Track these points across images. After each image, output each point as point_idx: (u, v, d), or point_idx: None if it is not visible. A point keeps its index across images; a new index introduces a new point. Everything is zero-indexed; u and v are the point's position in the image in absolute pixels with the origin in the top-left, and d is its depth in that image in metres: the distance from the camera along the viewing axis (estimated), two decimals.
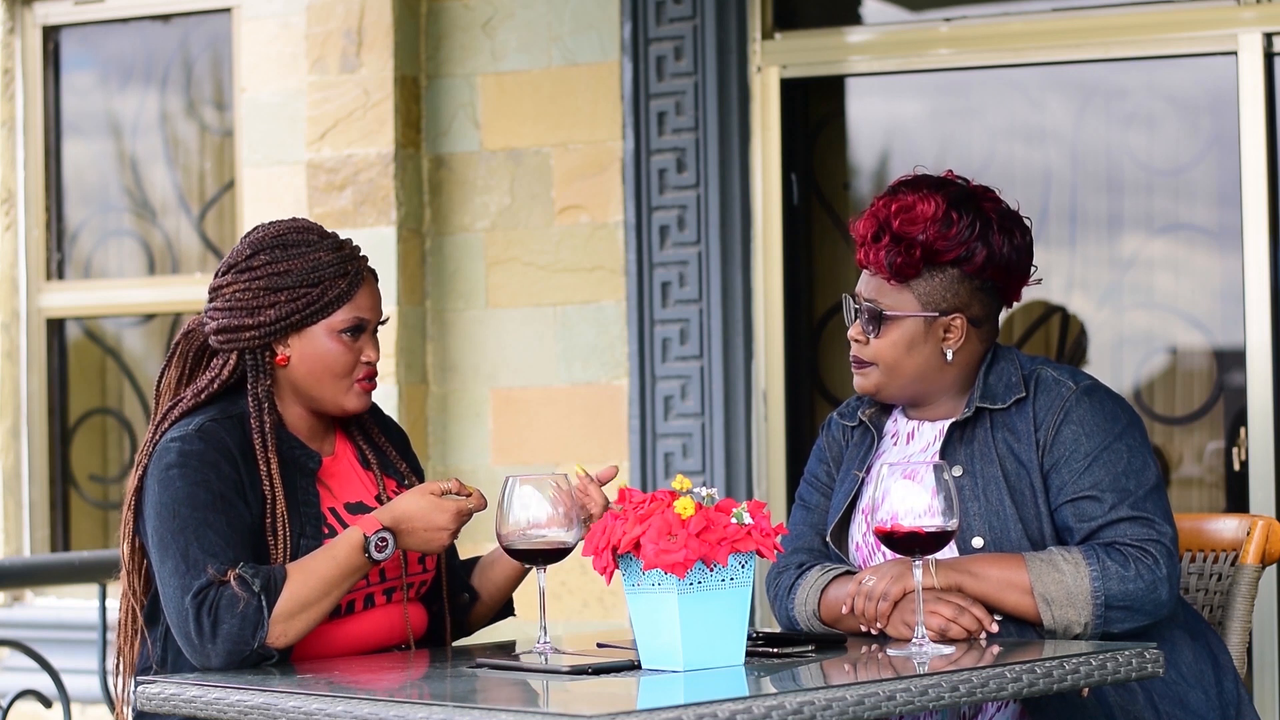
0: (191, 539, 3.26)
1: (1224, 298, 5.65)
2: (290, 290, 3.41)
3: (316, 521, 3.39)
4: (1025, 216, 3.56)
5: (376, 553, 3.27)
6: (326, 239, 3.45)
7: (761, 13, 5.97)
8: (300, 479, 3.41)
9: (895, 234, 3.46)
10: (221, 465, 3.32)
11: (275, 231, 3.45)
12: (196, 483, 3.30)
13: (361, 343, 3.45)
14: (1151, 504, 3.39)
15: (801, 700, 2.75)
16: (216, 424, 3.38)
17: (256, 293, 3.41)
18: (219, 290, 3.46)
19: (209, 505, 3.28)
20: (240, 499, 3.32)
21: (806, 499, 3.67)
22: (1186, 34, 5.57)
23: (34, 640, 5.71)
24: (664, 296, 5.96)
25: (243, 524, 3.31)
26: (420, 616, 3.55)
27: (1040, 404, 3.46)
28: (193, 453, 3.32)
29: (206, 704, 3.03)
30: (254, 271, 3.42)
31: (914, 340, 3.50)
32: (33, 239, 7.06)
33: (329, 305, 3.42)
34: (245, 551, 3.29)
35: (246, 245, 3.46)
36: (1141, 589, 3.32)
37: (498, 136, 6.20)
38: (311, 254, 3.42)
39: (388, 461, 3.58)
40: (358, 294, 3.44)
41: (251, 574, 3.23)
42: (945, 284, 3.48)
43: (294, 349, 3.43)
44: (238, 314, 3.43)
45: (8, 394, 7.02)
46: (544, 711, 2.74)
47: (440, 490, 3.31)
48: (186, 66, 6.91)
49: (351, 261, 3.44)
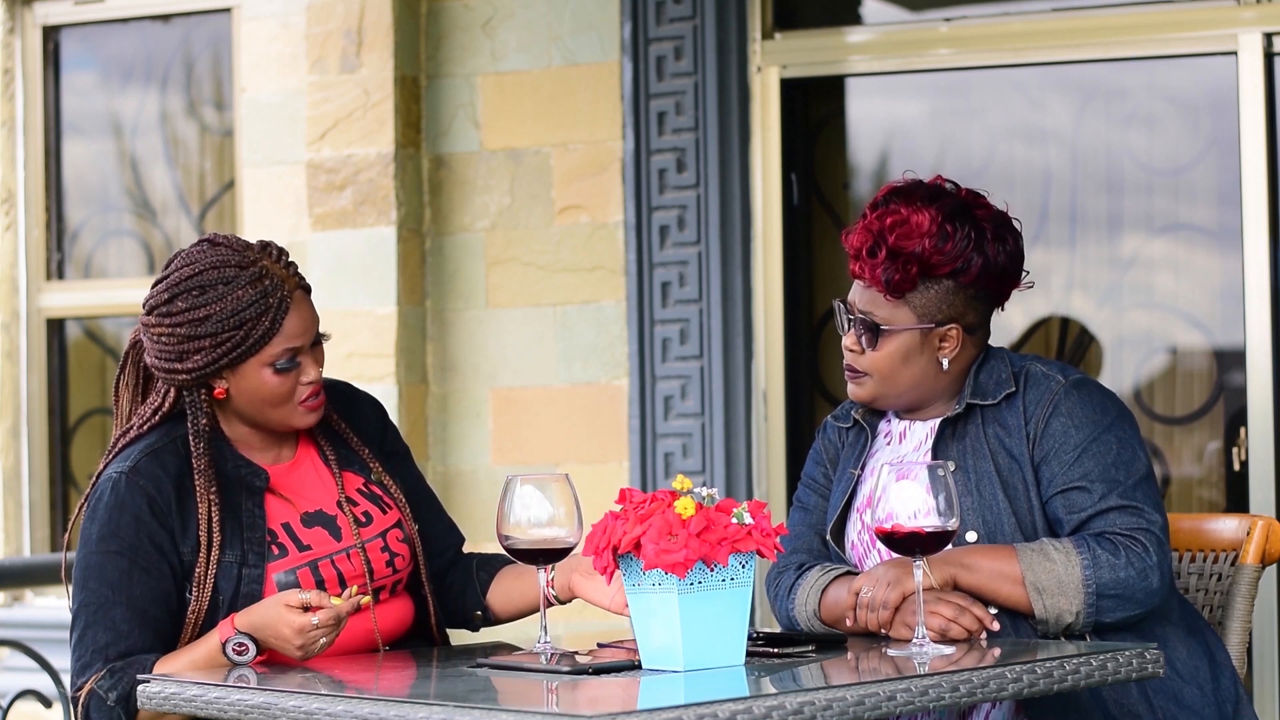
0: (90, 623, 3.30)
1: (1224, 298, 5.65)
2: (213, 337, 3.32)
3: (260, 546, 3.35)
4: (1014, 218, 3.56)
5: (236, 656, 3.23)
6: (246, 270, 3.32)
7: (761, 13, 5.97)
8: (246, 500, 3.38)
9: (891, 249, 3.45)
10: (143, 519, 3.31)
11: (192, 270, 3.34)
12: (109, 552, 3.30)
13: (298, 368, 3.37)
14: (1141, 493, 3.40)
15: (802, 700, 2.75)
16: (153, 457, 3.35)
17: (180, 339, 3.33)
18: (147, 329, 3.38)
19: (115, 584, 3.29)
20: (159, 553, 3.31)
21: (804, 501, 3.67)
22: (1186, 34, 5.57)
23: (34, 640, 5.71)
24: (664, 296, 5.96)
25: (152, 595, 3.31)
26: (404, 612, 3.51)
27: (1030, 398, 3.47)
28: (120, 505, 3.31)
29: (206, 704, 3.03)
30: (174, 317, 3.33)
31: (910, 352, 3.50)
32: (33, 239, 7.06)
33: (254, 345, 3.33)
34: (143, 634, 3.30)
35: (165, 287, 3.35)
36: (1132, 577, 3.33)
37: (498, 136, 6.20)
38: (230, 294, 3.31)
39: (351, 455, 3.51)
40: (284, 325, 3.34)
41: (108, 686, 3.26)
42: (941, 295, 3.48)
43: (230, 383, 3.37)
44: (167, 357, 3.36)
45: (8, 394, 7.02)
46: (544, 711, 2.74)
47: (298, 602, 3.20)
48: (186, 66, 6.92)
49: (273, 293, 3.32)
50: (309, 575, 3.37)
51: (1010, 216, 3.55)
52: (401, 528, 3.50)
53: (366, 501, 3.49)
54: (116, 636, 3.29)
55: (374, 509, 3.49)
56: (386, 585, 3.47)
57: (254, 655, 3.23)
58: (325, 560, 3.39)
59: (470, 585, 3.62)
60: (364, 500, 3.49)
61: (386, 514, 3.50)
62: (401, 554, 3.49)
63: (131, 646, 3.29)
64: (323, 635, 3.19)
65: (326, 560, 3.39)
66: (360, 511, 3.47)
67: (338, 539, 3.42)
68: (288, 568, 3.36)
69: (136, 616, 3.30)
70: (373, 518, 3.48)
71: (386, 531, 3.48)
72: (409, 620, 3.53)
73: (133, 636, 3.30)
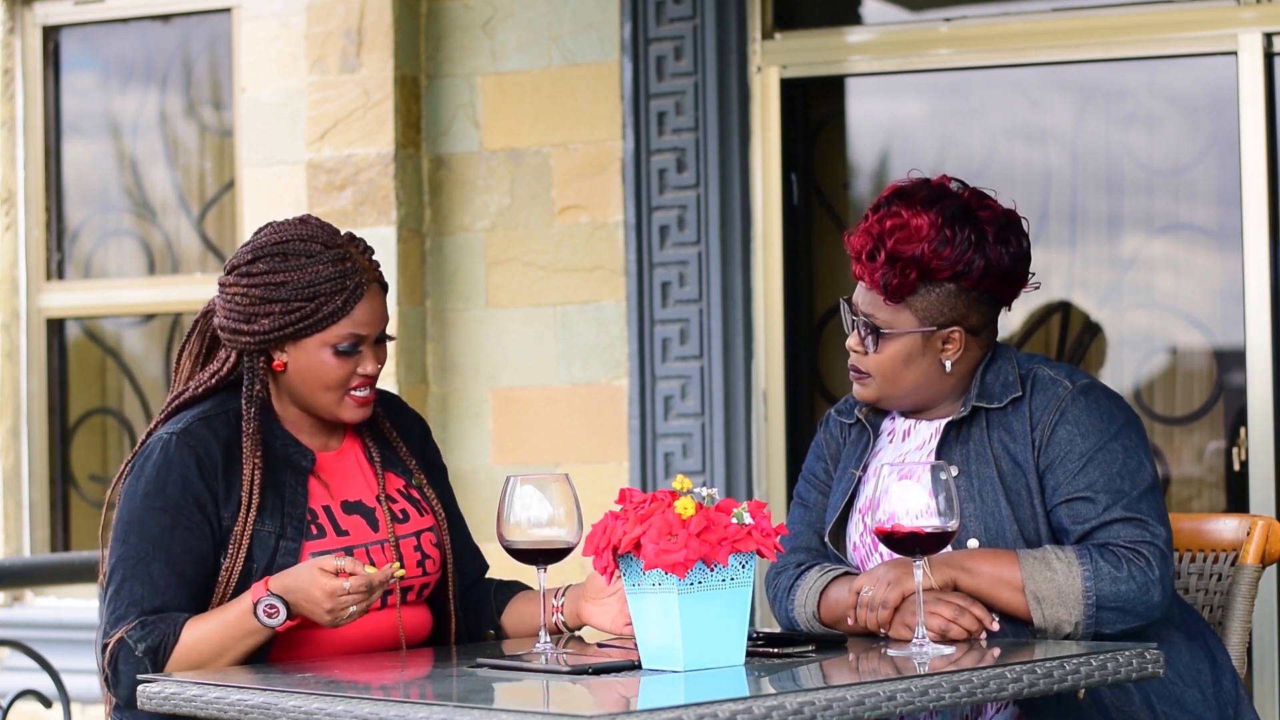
0: (128, 576, 3.33)
1: (1224, 298, 5.65)
2: (284, 303, 3.38)
3: (300, 523, 3.39)
4: (1023, 217, 3.54)
5: (267, 618, 3.26)
6: (331, 250, 3.40)
7: (761, 13, 5.97)
8: (290, 477, 3.42)
9: (890, 253, 3.44)
10: (190, 479, 3.35)
11: (279, 238, 3.42)
12: (153, 508, 3.34)
13: (359, 357, 3.43)
14: (1146, 505, 3.38)
15: (801, 700, 2.75)
16: (205, 423, 3.40)
17: (253, 300, 3.40)
18: (223, 288, 3.46)
19: (156, 539, 3.33)
20: (201, 514, 3.35)
21: (805, 497, 3.66)
22: (1186, 34, 5.57)
23: (34, 640, 5.71)
24: (664, 296, 5.96)
25: (191, 555, 3.34)
26: (422, 619, 3.55)
27: (1036, 403, 3.45)
28: (169, 462, 3.35)
29: (206, 704, 3.03)
30: (252, 279, 3.40)
31: (912, 354, 3.48)
32: (33, 239, 7.06)
33: (322, 321, 3.39)
34: (179, 592, 3.33)
35: (249, 249, 3.43)
36: (1134, 590, 3.32)
37: (498, 136, 6.20)
38: (310, 266, 3.38)
39: (395, 458, 3.56)
40: (355, 309, 3.40)
41: (138, 637, 3.28)
42: (943, 298, 3.46)
43: (290, 357, 3.43)
44: (236, 318, 3.42)
45: (8, 394, 7.02)
46: (544, 711, 2.74)
47: (333, 567, 3.23)
48: (186, 66, 6.91)
49: (352, 275, 3.39)
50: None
51: (1018, 216, 3.52)
52: (435, 533, 3.54)
53: (405, 501, 3.54)
54: (154, 591, 3.32)
55: (411, 509, 3.54)
56: (414, 587, 3.50)
57: (284, 618, 3.25)
58: (361, 549, 3.43)
59: (486, 604, 3.65)
60: (402, 499, 3.54)
61: (423, 517, 3.54)
62: (433, 558, 3.52)
63: (167, 603, 3.32)
64: (353, 602, 3.22)
65: (362, 549, 3.43)
66: (398, 509, 3.51)
67: (375, 530, 3.46)
68: (324, 549, 3.39)
69: (174, 574, 3.33)
70: (409, 516, 3.52)
71: (421, 533, 3.52)
72: (427, 630, 3.56)
73: (169, 593, 3.32)
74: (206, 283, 6.82)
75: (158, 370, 7.02)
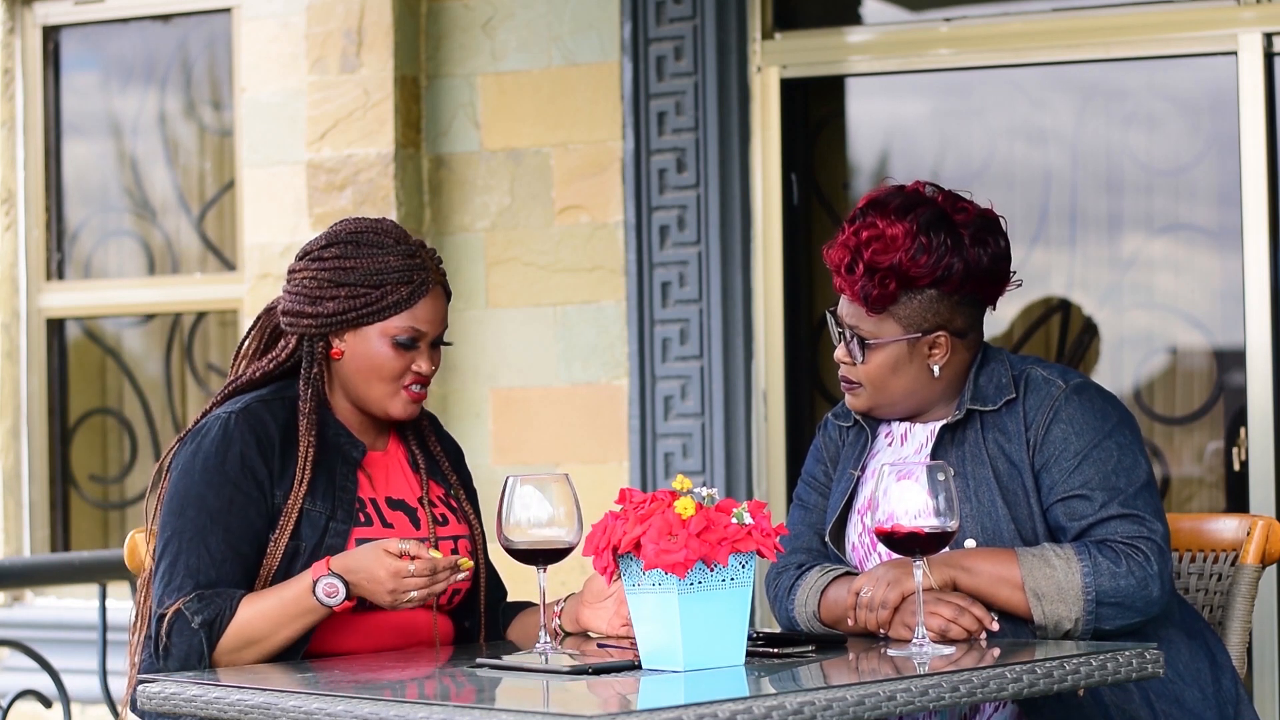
0: (184, 548, 3.34)
1: (1224, 298, 5.65)
2: (351, 287, 3.43)
3: (349, 508, 3.42)
4: (1000, 216, 3.53)
5: (326, 597, 3.27)
6: (402, 245, 3.46)
7: (761, 13, 5.97)
8: (341, 465, 3.45)
9: (868, 264, 3.44)
10: (249, 455, 3.38)
11: (355, 228, 3.48)
12: (212, 483, 3.36)
13: (416, 353, 3.47)
14: (1142, 501, 3.39)
15: (801, 700, 2.75)
16: (264, 405, 3.45)
17: (321, 283, 3.45)
18: (293, 274, 3.51)
19: (215, 512, 3.35)
20: (259, 492, 3.38)
21: (804, 499, 3.67)
22: (1186, 34, 5.57)
23: (34, 640, 5.71)
24: (664, 296, 5.97)
25: (248, 530, 3.36)
26: (447, 628, 3.55)
27: (1030, 403, 3.46)
28: (228, 439, 3.39)
29: (206, 704, 3.03)
30: (323, 262, 3.46)
31: (899, 362, 3.49)
32: (33, 239, 7.06)
33: (386, 310, 3.44)
34: (234, 567, 3.35)
35: (325, 236, 3.50)
36: (1133, 585, 3.32)
37: (498, 136, 6.20)
38: (381, 256, 3.44)
39: (437, 469, 3.60)
40: (418, 304, 3.45)
41: (195, 609, 3.29)
42: (925, 305, 3.46)
43: (348, 344, 3.47)
44: (302, 300, 3.47)
45: (8, 394, 7.02)
46: (544, 711, 2.74)
47: (397, 549, 3.25)
48: (186, 66, 6.92)
49: (419, 271, 3.45)
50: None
51: (995, 216, 3.51)
52: (471, 542, 3.57)
53: (444, 508, 3.57)
54: (210, 564, 3.33)
55: (451, 516, 3.57)
56: (445, 594, 3.51)
57: (343, 598, 3.27)
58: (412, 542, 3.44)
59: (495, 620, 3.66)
60: (442, 505, 3.57)
61: (460, 525, 3.58)
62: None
63: (222, 576, 3.34)
64: (416, 586, 3.24)
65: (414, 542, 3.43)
66: (438, 513, 3.55)
67: (417, 529, 3.50)
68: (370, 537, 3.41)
69: (231, 549, 3.35)
70: (449, 521, 3.56)
71: (458, 539, 3.55)
72: (450, 641, 3.57)
73: (224, 567, 3.34)
74: (206, 283, 6.82)
75: (157, 370, 7.02)
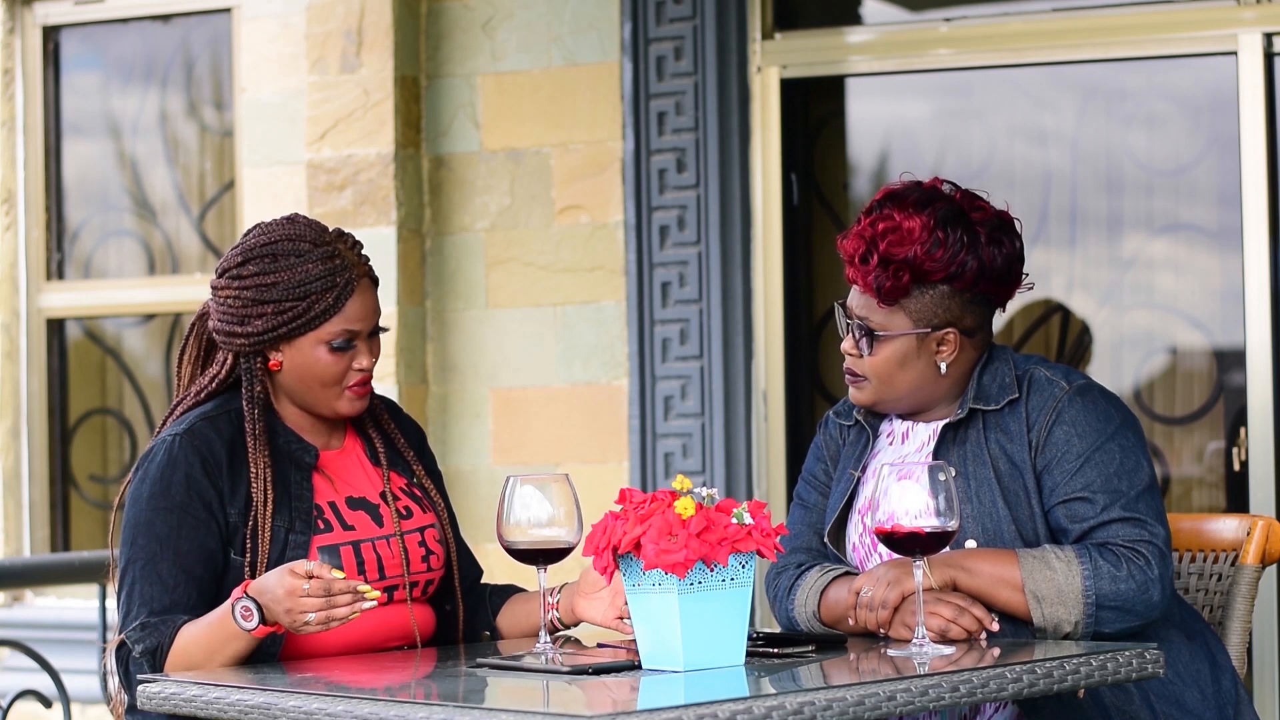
0: (138, 577, 3.35)
1: (1224, 298, 5.65)
2: (276, 304, 3.40)
3: (307, 516, 3.41)
4: (1015, 218, 3.54)
5: (243, 620, 3.24)
6: (319, 248, 3.42)
7: (761, 13, 5.97)
8: (295, 473, 3.44)
9: (883, 256, 3.44)
10: (194, 477, 3.37)
11: (268, 239, 3.44)
12: (159, 509, 3.36)
13: (354, 352, 3.45)
14: (1144, 505, 3.39)
15: (801, 700, 2.75)
16: (209, 423, 3.43)
17: (245, 302, 3.42)
18: (215, 291, 3.48)
19: (163, 539, 3.35)
20: (207, 513, 3.36)
21: (805, 498, 3.67)
22: (1187, 34, 5.57)
23: (34, 640, 5.71)
24: (664, 296, 5.96)
25: (199, 552, 3.36)
26: (426, 617, 3.55)
27: (1033, 404, 3.45)
28: (173, 463, 3.37)
29: (206, 704, 3.03)
30: (243, 281, 3.43)
31: (907, 356, 3.49)
32: (33, 239, 7.06)
33: (315, 319, 3.41)
34: (187, 591, 3.34)
35: (239, 251, 3.46)
36: (1133, 589, 3.32)
37: (498, 136, 6.20)
38: (300, 265, 3.40)
39: (398, 458, 3.58)
40: (347, 305, 3.42)
41: (137, 638, 3.30)
42: (936, 300, 3.46)
43: (285, 356, 3.45)
44: (230, 320, 3.45)
45: (8, 394, 7.02)
46: (544, 711, 2.74)
47: (303, 571, 3.19)
48: (186, 66, 6.91)
49: (342, 273, 3.41)
50: (351, 554, 3.42)
51: (1010, 217, 3.52)
52: (438, 529, 3.56)
53: (407, 499, 3.56)
54: (162, 590, 3.34)
55: (414, 506, 3.55)
56: (420, 583, 3.51)
57: (258, 622, 3.23)
58: (367, 543, 3.45)
59: (482, 607, 3.66)
60: (405, 497, 3.55)
61: (425, 514, 3.56)
62: (437, 554, 3.54)
63: (176, 601, 3.33)
64: (311, 607, 3.17)
65: (368, 543, 3.45)
66: (401, 506, 3.53)
67: (380, 526, 3.48)
68: (332, 543, 3.40)
69: (183, 572, 3.34)
70: (413, 513, 3.54)
71: (425, 529, 3.54)
72: (432, 627, 3.57)
73: (178, 591, 3.34)
74: (206, 283, 6.81)
75: (158, 370, 7.02)
